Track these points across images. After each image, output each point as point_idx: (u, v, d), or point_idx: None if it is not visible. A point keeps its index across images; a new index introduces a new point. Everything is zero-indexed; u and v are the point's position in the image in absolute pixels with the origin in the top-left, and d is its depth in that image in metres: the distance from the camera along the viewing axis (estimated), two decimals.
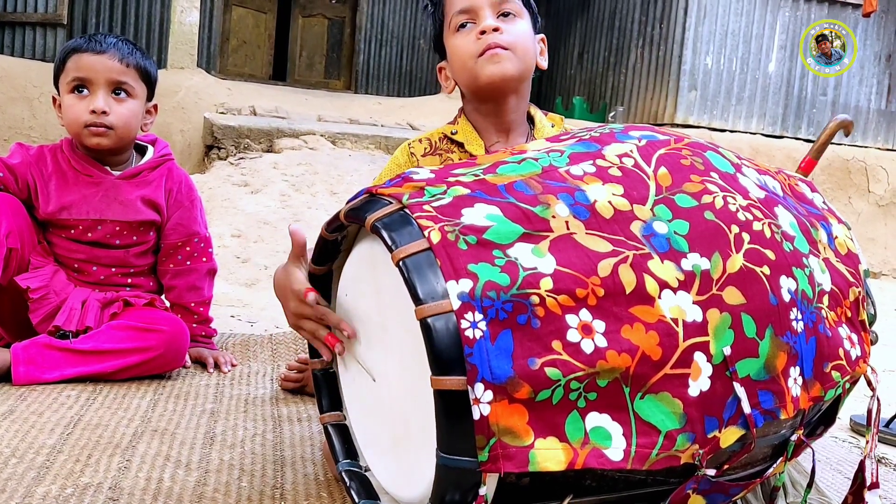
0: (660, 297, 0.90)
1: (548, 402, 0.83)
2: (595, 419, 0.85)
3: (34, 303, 1.75)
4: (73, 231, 1.83)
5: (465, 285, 0.83)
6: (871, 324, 1.15)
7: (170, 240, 1.93)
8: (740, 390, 0.93)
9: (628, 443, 0.86)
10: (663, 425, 0.88)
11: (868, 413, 1.11)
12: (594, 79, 7.87)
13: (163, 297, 1.96)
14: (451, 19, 1.43)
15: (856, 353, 1.08)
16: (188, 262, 1.94)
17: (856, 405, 1.87)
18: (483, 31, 1.39)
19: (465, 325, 0.81)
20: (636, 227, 0.94)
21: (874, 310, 1.16)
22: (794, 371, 0.98)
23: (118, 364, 1.70)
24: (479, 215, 0.90)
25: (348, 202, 0.98)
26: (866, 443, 1.11)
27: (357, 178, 4.39)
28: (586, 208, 0.94)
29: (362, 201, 0.96)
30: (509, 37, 1.40)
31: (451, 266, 0.84)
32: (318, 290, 1.12)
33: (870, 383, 1.11)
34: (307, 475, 1.28)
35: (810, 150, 2.00)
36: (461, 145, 1.47)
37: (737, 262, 0.96)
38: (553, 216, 0.92)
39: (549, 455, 0.83)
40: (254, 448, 1.39)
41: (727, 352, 0.92)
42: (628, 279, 0.89)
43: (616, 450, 0.85)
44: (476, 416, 0.81)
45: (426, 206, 0.90)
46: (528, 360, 0.83)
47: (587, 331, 0.86)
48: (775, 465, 1.04)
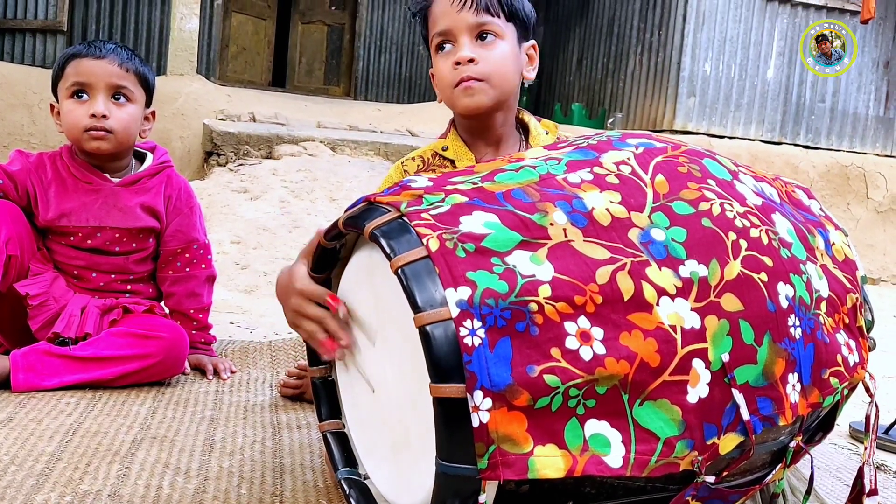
0: (658, 304, 0.90)
1: (547, 410, 0.83)
2: (594, 426, 0.86)
3: (33, 309, 1.75)
4: (72, 238, 1.83)
5: (464, 293, 0.83)
6: (868, 330, 1.16)
7: (169, 246, 1.93)
8: (739, 397, 0.93)
9: (627, 450, 0.86)
10: (662, 432, 0.88)
11: (866, 419, 1.11)
12: (593, 85, 7.89)
13: (162, 303, 1.96)
14: (433, 38, 1.42)
15: (854, 359, 1.08)
16: (187, 269, 1.94)
17: (854, 411, 1.87)
18: (458, 62, 1.38)
19: (463, 332, 0.82)
20: (634, 235, 0.94)
21: (872, 316, 1.17)
22: (793, 377, 0.99)
23: (117, 371, 1.70)
24: (477, 223, 0.90)
25: (347, 210, 0.98)
26: (865, 449, 1.11)
27: (356, 185, 4.40)
28: (584, 216, 0.94)
29: (361, 209, 0.96)
30: (485, 66, 1.38)
31: (449, 274, 0.84)
32: None
33: (868, 389, 1.11)
34: (306, 482, 1.28)
35: None
36: (453, 162, 1.47)
37: (734, 268, 0.97)
38: (551, 224, 0.92)
39: (549, 462, 0.83)
40: (253, 455, 1.39)
41: (725, 358, 0.92)
42: (626, 286, 0.90)
43: (615, 457, 0.85)
44: (475, 423, 0.81)
45: (424, 214, 0.91)
46: (526, 367, 0.83)
47: (586, 338, 0.86)
48: (774, 471, 1.05)
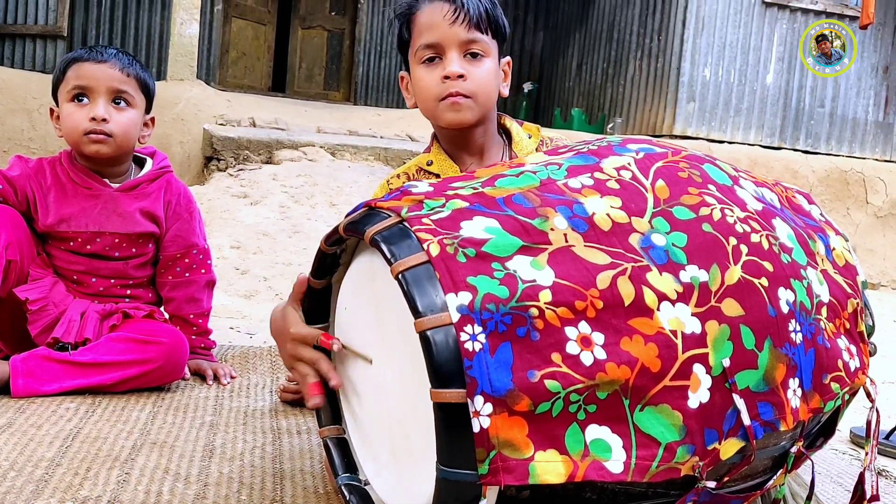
0: (658, 310, 0.90)
1: (547, 415, 0.83)
2: (595, 431, 0.85)
3: (33, 314, 1.74)
4: (72, 243, 1.83)
5: (465, 298, 0.83)
6: (869, 335, 1.16)
7: (168, 251, 1.93)
8: (740, 402, 0.93)
9: (628, 455, 0.86)
10: (663, 437, 0.88)
11: (867, 425, 1.11)
12: (593, 90, 7.90)
13: (162, 308, 1.96)
14: (417, 49, 1.41)
15: (855, 364, 1.08)
16: (187, 274, 1.94)
17: (855, 417, 1.87)
18: (447, 77, 1.38)
19: (464, 337, 0.81)
20: (634, 240, 0.94)
21: (872, 321, 1.17)
22: (794, 383, 0.98)
23: (117, 376, 1.70)
24: (477, 228, 0.90)
25: (347, 215, 0.99)
26: (866, 455, 1.11)
27: (356, 190, 4.40)
28: (585, 221, 0.94)
29: (361, 214, 0.96)
30: (472, 84, 1.39)
31: (450, 279, 0.84)
32: (317, 304, 1.12)
33: (869, 395, 1.11)
34: (306, 488, 1.28)
35: None
36: (438, 176, 1.47)
37: (735, 273, 0.97)
38: (551, 229, 0.92)
39: (549, 467, 0.83)
40: (253, 461, 1.39)
41: (726, 363, 0.92)
42: (627, 291, 0.90)
43: (616, 462, 0.85)
44: (476, 428, 0.81)
45: (425, 220, 0.91)
46: (527, 372, 0.83)
47: (586, 343, 0.86)
48: (775, 477, 1.04)
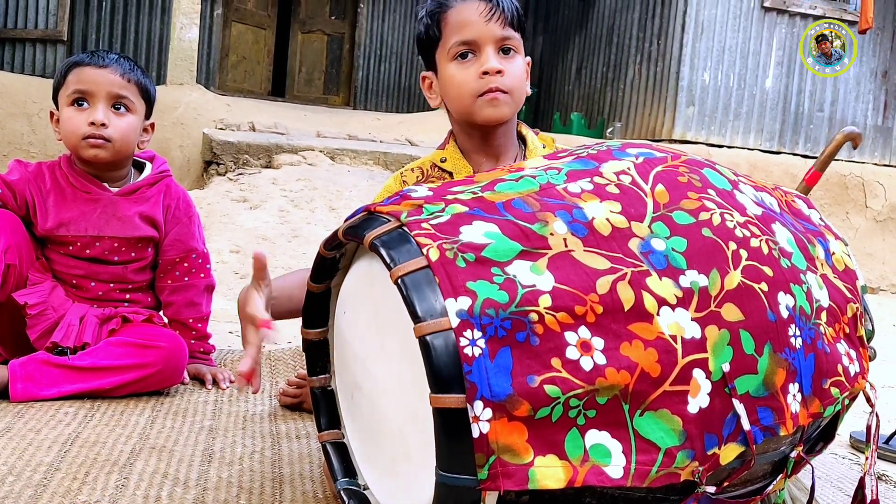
0: (658, 314, 0.90)
1: (547, 420, 0.83)
2: (594, 436, 0.85)
3: (32, 319, 1.74)
4: (71, 247, 1.83)
5: (464, 303, 0.83)
6: (869, 340, 1.15)
7: (168, 256, 1.93)
8: (739, 407, 0.93)
9: (628, 460, 0.86)
10: (663, 442, 0.88)
11: (867, 429, 1.11)
12: (592, 94, 7.91)
13: (161, 313, 1.96)
14: (451, 46, 1.41)
15: (854, 369, 1.08)
16: (186, 278, 1.94)
17: (855, 421, 1.86)
18: (486, 72, 1.38)
19: (463, 342, 0.81)
20: (634, 245, 0.94)
21: (872, 325, 1.17)
22: (793, 387, 0.98)
23: (116, 380, 1.70)
24: (477, 233, 0.90)
25: (346, 220, 0.98)
26: (866, 459, 1.11)
27: (356, 194, 4.40)
28: (584, 226, 0.94)
29: (360, 219, 0.96)
30: (510, 80, 1.40)
31: (449, 284, 0.84)
32: (316, 308, 1.12)
33: (869, 399, 1.11)
34: (306, 493, 1.28)
35: (816, 162, 2.00)
36: (451, 174, 1.47)
37: (735, 278, 0.97)
38: (551, 233, 0.92)
39: (549, 473, 0.82)
40: (252, 465, 1.38)
41: (726, 368, 0.92)
42: (627, 296, 0.89)
43: (616, 467, 0.85)
44: (475, 433, 0.81)
45: (424, 224, 0.91)
46: (527, 377, 0.83)
47: (586, 348, 0.86)
48: (775, 481, 1.04)
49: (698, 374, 0.90)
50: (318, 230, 3.91)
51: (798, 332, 1.00)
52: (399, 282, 0.85)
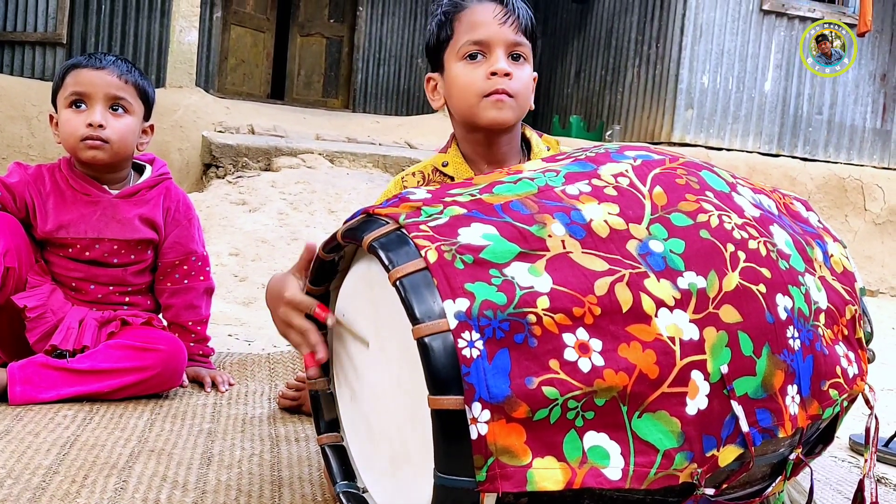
0: (656, 316, 0.90)
1: (545, 422, 0.83)
2: (593, 438, 0.85)
3: (31, 322, 1.74)
4: (70, 250, 1.83)
5: (462, 304, 0.83)
6: (867, 342, 1.16)
7: (167, 258, 1.93)
8: (738, 409, 0.93)
9: (626, 462, 0.86)
10: (661, 444, 0.88)
11: (866, 432, 1.11)
12: (591, 97, 7.91)
13: (160, 315, 1.96)
14: (462, 45, 1.41)
15: (853, 371, 1.08)
16: (186, 281, 1.94)
17: (854, 424, 1.86)
18: (494, 73, 1.38)
19: (462, 344, 0.81)
20: (632, 246, 0.94)
21: (871, 328, 1.17)
22: (792, 389, 0.98)
23: (115, 383, 1.69)
24: (475, 235, 0.90)
25: (345, 222, 0.99)
26: (865, 462, 1.11)
27: (355, 197, 4.40)
28: (582, 227, 0.94)
29: (359, 221, 0.96)
30: (517, 84, 1.40)
31: (447, 285, 0.84)
32: None
33: (868, 402, 1.11)
34: (305, 496, 1.28)
35: None
36: (452, 178, 1.47)
37: (733, 280, 0.97)
38: (549, 235, 0.92)
39: (547, 474, 0.82)
40: (251, 468, 1.38)
41: (724, 370, 0.92)
42: (625, 298, 0.90)
43: (614, 469, 0.85)
44: (474, 435, 0.81)
45: (423, 226, 0.91)
46: (525, 379, 0.83)
47: (584, 349, 0.86)
48: (774, 484, 1.04)
49: (696, 375, 0.90)
50: (317, 233, 3.91)
51: (796, 334, 1.00)
52: (397, 283, 0.85)
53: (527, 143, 1.53)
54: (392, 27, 8.94)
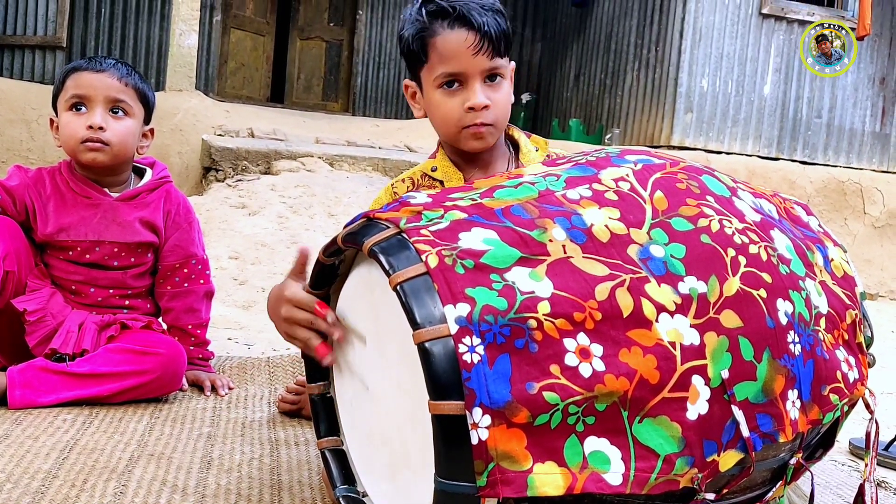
0: (657, 321, 0.90)
1: (546, 427, 0.83)
2: (594, 443, 0.85)
3: (31, 325, 1.74)
4: (70, 252, 1.83)
5: (463, 309, 0.83)
6: (868, 346, 1.15)
7: (167, 261, 1.93)
8: (738, 413, 0.93)
9: (627, 467, 0.86)
10: (662, 449, 0.88)
11: (867, 436, 1.11)
12: (591, 101, 7.92)
13: (160, 319, 1.96)
14: (437, 75, 1.39)
15: (854, 375, 1.08)
16: (186, 284, 1.94)
17: (854, 428, 1.86)
18: (472, 108, 1.37)
19: (462, 349, 0.81)
20: (633, 251, 0.94)
21: (871, 332, 1.17)
22: (793, 394, 0.98)
23: (115, 387, 1.69)
24: (476, 239, 0.90)
25: (346, 226, 0.99)
26: (865, 466, 1.10)
27: (355, 200, 4.40)
28: (583, 232, 0.94)
29: (360, 226, 0.96)
30: (496, 111, 1.39)
31: (448, 290, 0.84)
32: None
33: (868, 406, 1.11)
34: (304, 500, 1.27)
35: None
36: (442, 183, 1.47)
37: (733, 285, 0.97)
38: (550, 240, 0.92)
39: (548, 480, 0.82)
40: (251, 472, 1.38)
41: (725, 375, 0.92)
42: (626, 303, 0.90)
43: (615, 474, 0.85)
44: (474, 440, 0.80)
45: (423, 231, 0.91)
46: (526, 384, 0.83)
47: (585, 355, 0.86)
48: (775, 488, 1.04)
49: (697, 380, 0.90)
50: (317, 236, 3.91)
51: (797, 339, 1.00)
52: (398, 288, 0.85)
53: (514, 144, 1.53)
54: (392, 31, 8.95)
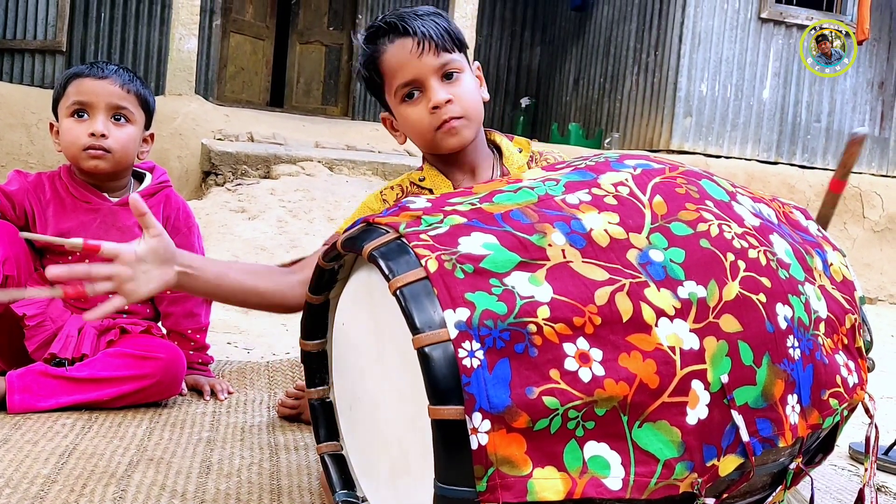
0: (657, 326, 0.90)
1: (546, 432, 0.83)
2: (593, 448, 0.85)
3: (30, 330, 1.74)
4: (70, 257, 1.83)
5: (463, 314, 0.83)
6: (867, 350, 1.16)
7: None
8: (738, 418, 0.93)
9: (627, 472, 0.86)
10: (662, 454, 0.88)
11: (866, 441, 1.11)
12: (590, 105, 7.93)
13: (159, 323, 1.96)
14: (395, 89, 1.40)
15: (853, 380, 1.08)
16: None
17: (854, 433, 1.86)
18: (436, 106, 1.37)
19: (462, 354, 0.81)
20: (632, 256, 0.94)
21: (870, 336, 1.17)
22: (792, 399, 0.98)
23: (114, 392, 1.69)
24: (475, 244, 0.90)
25: (345, 231, 0.99)
26: (865, 471, 1.10)
27: (354, 205, 4.40)
28: (582, 237, 0.94)
29: (359, 230, 0.96)
30: (461, 103, 1.39)
31: (448, 295, 0.84)
32: (315, 320, 1.12)
33: (867, 410, 1.11)
34: None
35: (836, 172, 1.94)
36: (431, 191, 1.47)
37: (733, 289, 0.97)
38: (549, 245, 0.92)
39: (548, 484, 0.82)
40: (250, 477, 1.38)
41: (724, 380, 0.92)
42: (625, 307, 0.90)
43: (615, 479, 0.85)
44: (474, 445, 0.80)
45: (423, 235, 0.91)
46: (525, 388, 0.83)
47: (585, 359, 0.86)
48: (774, 493, 1.04)
49: (697, 385, 0.90)
50: (316, 241, 3.91)
51: (796, 343, 1.00)
52: (398, 293, 0.85)
53: (497, 147, 1.53)
54: None
